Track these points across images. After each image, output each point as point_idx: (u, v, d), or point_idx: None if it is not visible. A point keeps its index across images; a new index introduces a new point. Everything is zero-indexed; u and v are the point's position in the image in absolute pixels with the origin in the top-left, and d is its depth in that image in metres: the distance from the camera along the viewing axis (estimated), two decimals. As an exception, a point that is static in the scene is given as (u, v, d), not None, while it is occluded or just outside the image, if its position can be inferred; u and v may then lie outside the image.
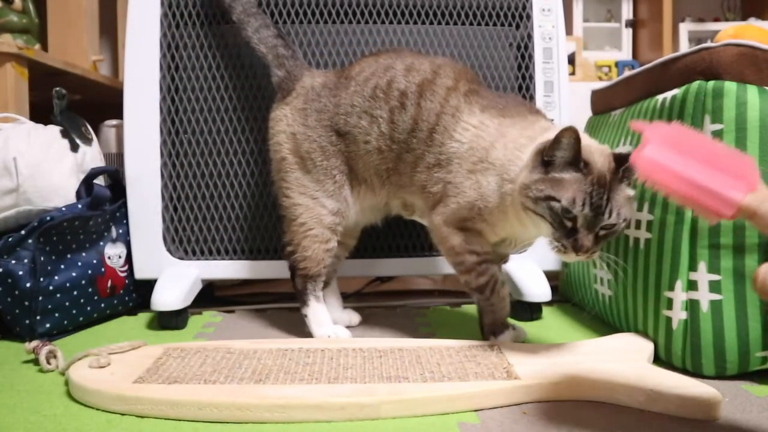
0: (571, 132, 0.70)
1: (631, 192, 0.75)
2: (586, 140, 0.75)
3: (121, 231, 1.09)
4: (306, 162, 0.91)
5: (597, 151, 0.74)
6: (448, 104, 0.85)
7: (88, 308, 1.01)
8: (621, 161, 0.73)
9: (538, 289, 1.05)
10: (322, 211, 0.90)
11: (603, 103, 1.08)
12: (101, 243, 1.05)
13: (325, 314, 0.92)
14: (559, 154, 0.72)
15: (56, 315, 0.96)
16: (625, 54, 3.01)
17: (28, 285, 0.93)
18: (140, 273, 1.08)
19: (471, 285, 0.85)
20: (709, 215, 0.54)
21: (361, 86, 0.90)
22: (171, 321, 1.01)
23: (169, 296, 1.00)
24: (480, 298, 0.86)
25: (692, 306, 0.75)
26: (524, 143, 0.79)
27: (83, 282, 1.00)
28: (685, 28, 2.87)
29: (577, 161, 0.72)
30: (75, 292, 0.98)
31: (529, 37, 1.11)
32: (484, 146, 0.82)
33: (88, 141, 1.14)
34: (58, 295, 0.96)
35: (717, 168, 0.53)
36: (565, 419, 0.63)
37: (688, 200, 0.54)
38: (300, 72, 0.96)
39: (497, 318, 0.86)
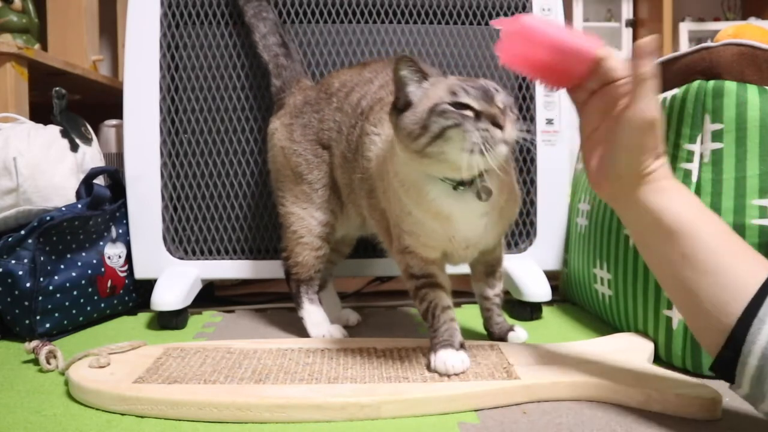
0: (403, 60, 0.66)
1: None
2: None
3: (121, 231, 1.09)
4: (295, 175, 0.93)
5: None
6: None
7: (88, 308, 1.01)
8: None
9: (538, 289, 1.05)
10: (312, 221, 0.92)
11: (603, 102, 1.08)
12: (101, 243, 1.05)
13: (320, 314, 0.93)
14: (408, 89, 0.67)
15: (56, 315, 0.96)
16: (625, 54, 3.01)
17: (28, 285, 0.93)
18: (140, 273, 1.08)
19: (418, 310, 0.79)
20: (566, 77, 0.63)
21: (341, 101, 0.90)
22: (171, 321, 1.01)
23: (169, 296, 1.00)
24: (426, 324, 0.77)
25: (692, 306, 0.75)
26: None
27: (83, 282, 1.00)
28: (685, 27, 2.87)
29: (425, 75, 0.67)
30: (75, 292, 0.98)
31: (529, 36, 1.11)
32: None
33: (88, 141, 1.14)
34: (58, 295, 0.96)
35: (570, 35, 0.63)
36: (565, 419, 0.63)
37: (546, 66, 0.63)
38: (291, 85, 0.98)
39: (439, 339, 0.74)
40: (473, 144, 0.62)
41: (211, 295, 1.24)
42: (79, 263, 1.00)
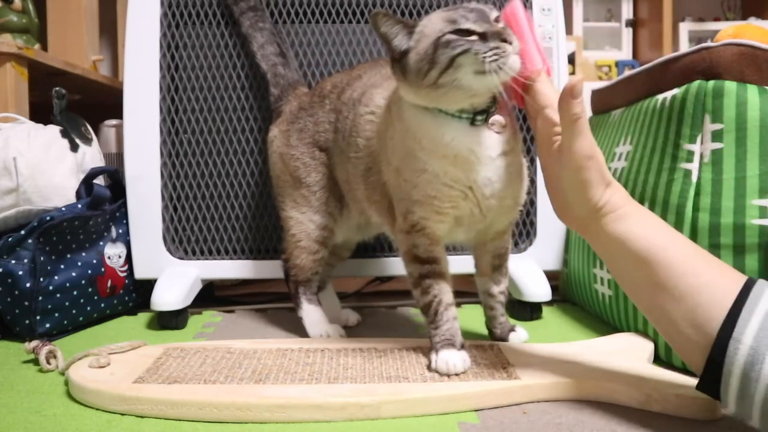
0: (377, 16, 0.67)
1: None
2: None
3: (121, 231, 1.09)
4: (294, 179, 0.94)
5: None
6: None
7: (88, 308, 1.01)
8: None
9: (538, 289, 1.05)
10: (310, 225, 0.93)
11: (603, 102, 1.08)
12: (101, 243, 1.05)
13: (318, 314, 0.93)
14: (395, 41, 0.68)
15: (56, 315, 0.96)
16: (625, 54, 3.01)
17: (28, 285, 0.93)
18: (140, 273, 1.08)
19: (417, 303, 0.77)
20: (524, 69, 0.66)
21: (333, 102, 0.91)
22: (171, 321, 1.01)
23: (169, 296, 1.00)
24: (425, 319, 0.77)
25: (692, 306, 0.75)
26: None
27: (83, 282, 1.00)
28: (685, 27, 2.87)
29: (406, 24, 0.68)
30: (75, 292, 0.98)
31: (529, 36, 1.11)
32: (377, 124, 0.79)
33: (88, 141, 1.14)
34: (58, 295, 0.96)
35: (536, 39, 0.69)
36: (565, 419, 0.63)
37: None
38: (288, 93, 0.99)
39: (440, 338, 0.74)
40: (487, 64, 0.63)
41: (211, 295, 1.24)
42: (79, 263, 1.00)
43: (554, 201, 0.68)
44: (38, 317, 0.93)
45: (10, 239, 0.95)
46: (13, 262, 0.94)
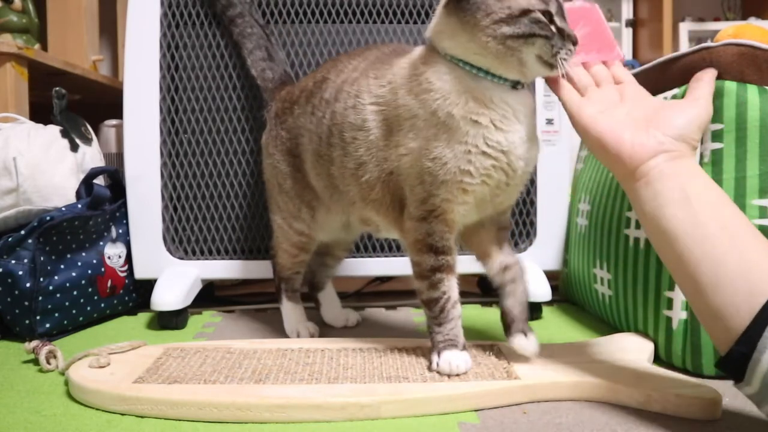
0: None
1: None
2: None
3: (121, 231, 1.09)
4: (278, 185, 0.94)
5: None
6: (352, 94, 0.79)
7: (88, 308, 1.01)
8: None
9: (538, 289, 1.05)
10: (289, 231, 0.94)
11: (603, 102, 1.08)
12: (101, 243, 1.05)
13: (295, 312, 0.96)
14: None
15: (56, 315, 0.96)
16: (625, 54, 3.01)
17: (27, 285, 0.93)
18: (140, 273, 1.08)
19: (422, 296, 0.74)
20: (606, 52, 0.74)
21: (302, 107, 0.88)
22: (171, 321, 1.01)
23: (169, 296, 1.00)
24: (427, 314, 0.74)
25: (692, 306, 0.75)
26: (415, 65, 0.73)
27: (83, 282, 1.00)
28: (685, 27, 2.87)
29: None
30: (75, 292, 0.98)
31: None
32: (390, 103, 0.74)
33: (88, 141, 1.14)
34: (58, 295, 0.96)
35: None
36: (565, 419, 0.63)
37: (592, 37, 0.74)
38: (274, 96, 0.98)
39: (444, 338, 0.73)
40: (553, 58, 0.67)
41: (211, 295, 1.24)
42: (79, 263, 1.00)
43: (628, 136, 0.65)
44: (38, 317, 0.93)
45: (10, 239, 0.95)
46: (13, 262, 0.94)
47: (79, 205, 1.02)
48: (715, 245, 0.57)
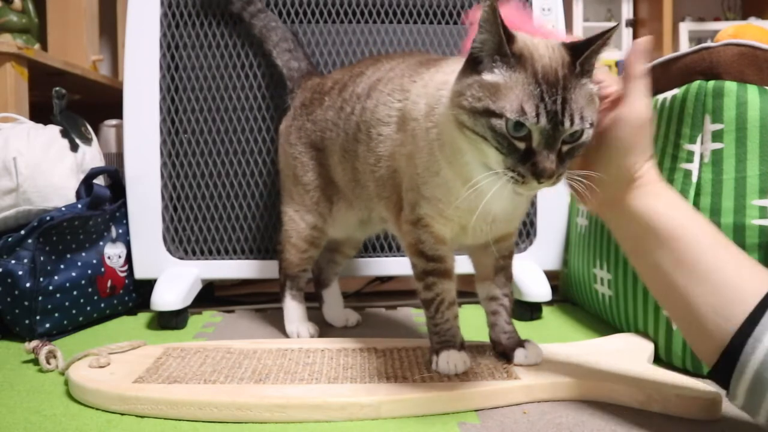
0: (488, 5, 0.55)
1: (592, 87, 0.59)
2: (525, 35, 0.61)
3: (121, 231, 1.09)
4: (294, 176, 0.94)
5: (541, 44, 0.59)
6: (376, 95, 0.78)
7: (88, 308, 1.01)
8: (578, 51, 0.58)
9: (538, 289, 1.05)
10: (301, 224, 0.94)
11: (603, 102, 1.08)
12: (101, 243, 1.05)
13: (297, 312, 0.96)
14: (483, 38, 0.57)
15: (56, 315, 0.96)
16: (626, 54, 3.01)
17: (27, 285, 0.93)
18: (140, 273, 1.08)
19: (419, 296, 0.75)
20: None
21: (333, 99, 0.89)
22: (171, 321, 1.01)
23: (169, 296, 1.00)
24: (426, 314, 0.75)
25: (692, 306, 0.75)
26: (446, 79, 0.65)
27: (83, 282, 1.00)
28: (685, 27, 2.87)
29: (502, 49, 0.56)
30: (75, 292, 0.98)
31: (529, 36, 1.11)
32: (404, 108, 0.72)
33: (88, 141, 1.14)
34: (58, 295, 0.96)
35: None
36: (565, 419, 0.63)
37: None
38: (300, 84, 0.99)
39: (440, 338, 0.73)
40: (503, 173, 0.57)
41: (211, 295, 1.24)
42: (79, 263, 1.00)
43: (585, 179, 0.61)
44: (38, 317, 0.93)
45: (10, 239, 0.95)
46: (13, 262, 0.94)
47: (79, 205, 1.02)
48: (712, 243, 0.58)
